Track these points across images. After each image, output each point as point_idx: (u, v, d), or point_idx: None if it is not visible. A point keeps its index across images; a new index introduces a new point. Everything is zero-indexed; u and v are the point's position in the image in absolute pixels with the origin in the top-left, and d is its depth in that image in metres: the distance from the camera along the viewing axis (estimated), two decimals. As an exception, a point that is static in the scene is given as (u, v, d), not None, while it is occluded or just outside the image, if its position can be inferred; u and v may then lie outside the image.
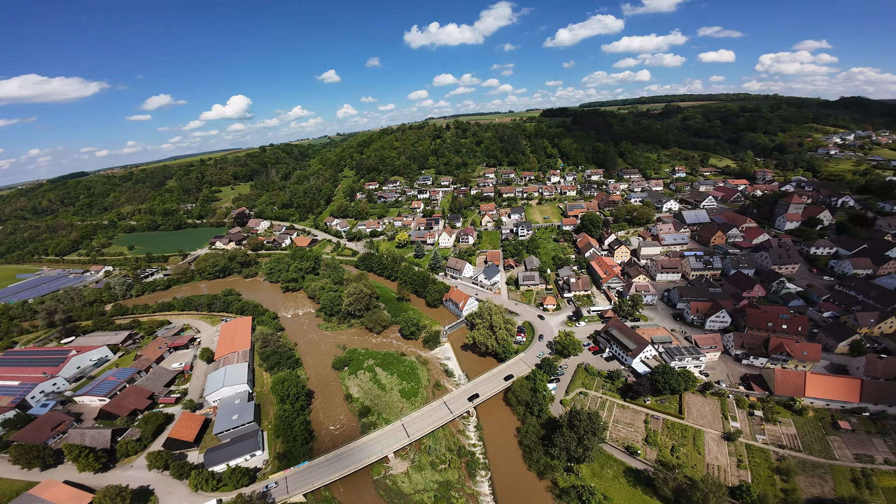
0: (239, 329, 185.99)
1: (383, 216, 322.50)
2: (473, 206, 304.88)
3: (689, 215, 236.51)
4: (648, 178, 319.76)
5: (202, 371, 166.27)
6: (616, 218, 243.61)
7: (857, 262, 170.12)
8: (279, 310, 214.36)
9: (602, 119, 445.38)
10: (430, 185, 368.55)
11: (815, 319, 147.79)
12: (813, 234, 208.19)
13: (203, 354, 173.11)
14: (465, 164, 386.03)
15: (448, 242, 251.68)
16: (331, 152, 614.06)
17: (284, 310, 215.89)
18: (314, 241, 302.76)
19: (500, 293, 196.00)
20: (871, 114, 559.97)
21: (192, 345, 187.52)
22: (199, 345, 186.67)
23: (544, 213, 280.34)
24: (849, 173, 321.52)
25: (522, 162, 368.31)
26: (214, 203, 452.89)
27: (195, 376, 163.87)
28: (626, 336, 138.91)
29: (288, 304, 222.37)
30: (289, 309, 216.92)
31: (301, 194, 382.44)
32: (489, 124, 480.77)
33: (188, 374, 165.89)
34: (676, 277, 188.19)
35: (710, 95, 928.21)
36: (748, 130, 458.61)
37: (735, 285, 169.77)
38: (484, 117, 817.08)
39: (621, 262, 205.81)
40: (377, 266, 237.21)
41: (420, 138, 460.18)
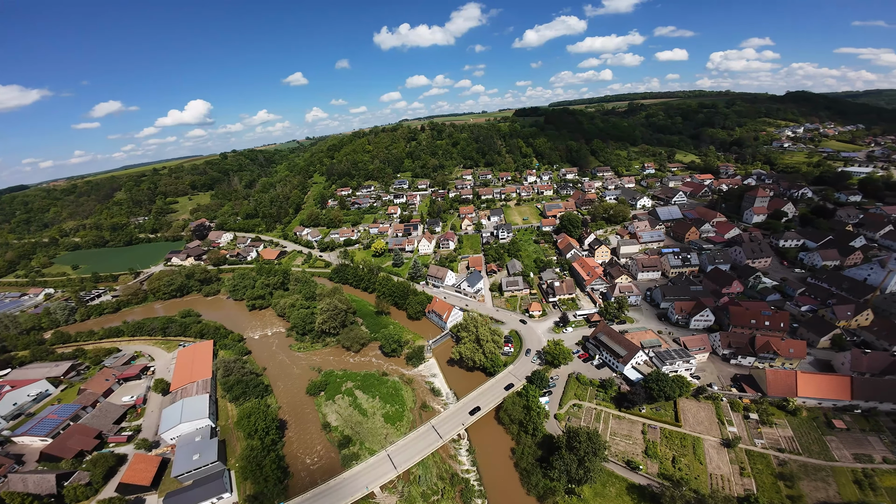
0: (198, 355, 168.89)
1: (358, 223, 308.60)
2: (452, 209, 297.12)
3: (663, 212, 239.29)
4: (620, 176, 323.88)
5: (157, 404, 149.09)
6: (594, 217, 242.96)
7: (825, 254, 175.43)
8: (245, 331, 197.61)
9: (573, 118, 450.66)
10: (406, 189, 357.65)
11: (794, 314, 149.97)
12: (780, 227, 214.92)
13: (157, 386, 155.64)
14: (442, 167, 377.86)
15: (428, 249, 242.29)
16: (299, 158, 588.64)
17: (251, 330, 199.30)
18: (283, 253, 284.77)
19: (485, 300, 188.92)
20: (815, 107, 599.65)
21: (144, 375, 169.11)
22: (152, 374, 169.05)
23: (523, 213, 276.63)
24: (804, 165, 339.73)
25: (499, 162, 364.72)
26: (170, 215, 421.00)
27: (149, 411, 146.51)
28: (616, 342, 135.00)
29: (255, 324, 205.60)
30: (256, 329, 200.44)
31: (267, 203, 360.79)
32: (464, 125, 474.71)
33: (141, 409, 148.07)
34: (657, 275, 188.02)
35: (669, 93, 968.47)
36: (707, 126, 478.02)
37: (714, 281, 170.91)
38: (458, 118, 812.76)
39: (602, 262, 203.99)
40: (353, 278, 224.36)
41: (394, 141, 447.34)
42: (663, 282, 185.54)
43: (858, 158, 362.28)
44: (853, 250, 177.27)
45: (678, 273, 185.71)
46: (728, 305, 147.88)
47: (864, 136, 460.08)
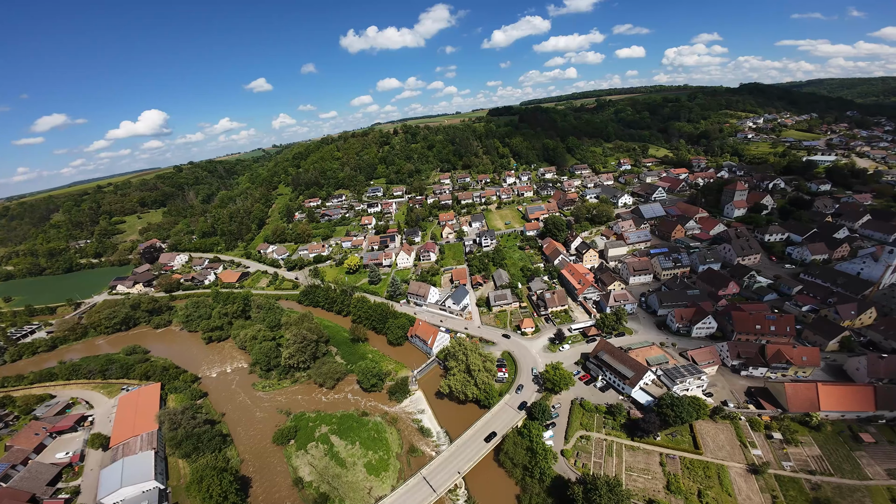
0: (142, 403, 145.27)
1: (329, 237, 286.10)
2: (432, 216, 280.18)
3: (647, 209, 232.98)
4: (598, 173, 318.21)
5: (96, 461, 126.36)
6: (577, 218, 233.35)
7: (813, 248, 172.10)
8: (200, 368, 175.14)
9: (546, 115, 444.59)
10: (381, 197, 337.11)
11: (794, 314, 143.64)
12: (762, 221, 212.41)
13: (94, 441, 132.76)
14: (419, 171, 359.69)
15: (407, 262, 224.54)
16: (263, 168, 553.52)
17: (208, 367, 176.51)
18: (245, 275, 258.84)
19: (472, 318, 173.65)
20: (770, 97, 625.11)
21: (81, 426, 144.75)
22: (90, 426, 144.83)
23: (505, 217, 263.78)
24: (770, 156, 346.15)
25: (476, 164, 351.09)
26: (116, 237, 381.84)
27: (88, 469, 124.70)
28: (620, 362, 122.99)
29: (212, 359, 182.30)
30: (213, 365, 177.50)
31: (226, 219, 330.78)
32: (439, 127, 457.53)
33: (78, 467, 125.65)
34: (649, 278, 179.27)
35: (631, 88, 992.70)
36: (673, 119, 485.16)
37: (708, 283, 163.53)
38: (433, 119, 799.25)
39: (592, 268, 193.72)
40: (324, 300, 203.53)
41: (365, 146, 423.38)
42: (656, 285, 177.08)
43: (820, 147, 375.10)
44: (840, 242, 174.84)
45: (671, 275, 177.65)
46: (730, 311, 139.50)
47: (818, 124, 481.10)
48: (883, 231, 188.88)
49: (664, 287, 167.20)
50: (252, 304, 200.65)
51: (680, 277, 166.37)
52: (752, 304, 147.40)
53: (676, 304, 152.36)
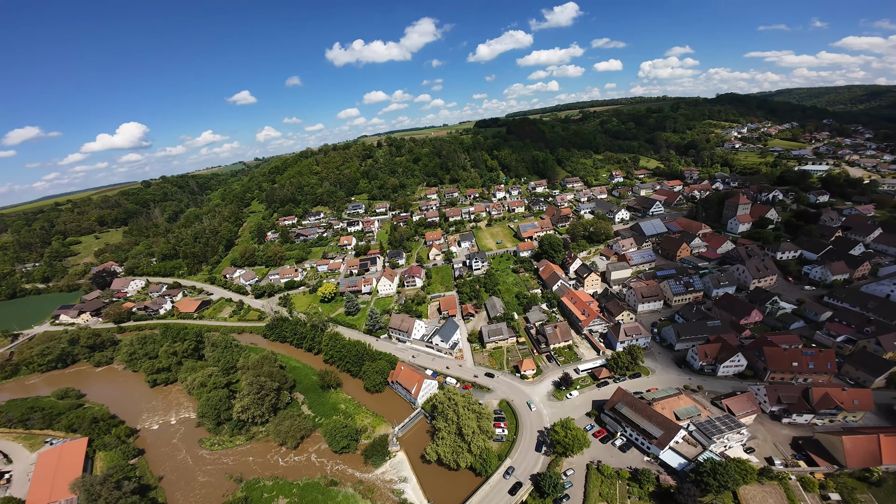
0: (64, 462, 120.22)
1: (304, 259, 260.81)
2: (417, 235, 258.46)
3: (647, 226, 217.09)
4: (590, 186, 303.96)
5: None
6: (573, 236, 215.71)
7: (835, 268, 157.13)
8: (140, 417, 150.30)
9: (534, 127, 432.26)
10: (362, 214, 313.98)
11: (828, 345, 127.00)
12: (769, 237, 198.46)
13: None
14: (403, 186, 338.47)
15: (390, 289, 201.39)
16: (237, 183, 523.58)
17: (149, 416, 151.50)
18: (206, 303, 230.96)
19: (464, 357, 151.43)
20: (749, 107, 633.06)
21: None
22: (7, 484, 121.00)
23: (496, 236, 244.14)
24: (763, 166, 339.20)
25: (465, 178, 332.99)
26: (69, 259, 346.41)
27: None
28: (645, 418, 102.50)
29: (156, 407, 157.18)
30: (156, 414, 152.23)
31: (189, 240, 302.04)
32: (425, 139, 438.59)
33: None
34: (659, 305, 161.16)
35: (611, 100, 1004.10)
36: (659, 130, 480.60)
37: (728, 311, 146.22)
38: (420, 132, 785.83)
39: (594, 293, 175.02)
40: (292, 335, 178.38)
41: (347, 159, 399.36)
42: (667, 312, 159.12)
43: (808, 156, 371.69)
44: (860, 261, 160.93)
45: (683, 301, 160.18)
46: (761, 346, 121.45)
47: (801, 133, 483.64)
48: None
49: (679, 317, 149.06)
50: (207, 342, 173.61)
51: (696, 306, 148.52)
52: (779, 334, 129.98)
53: (696, 337, 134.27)
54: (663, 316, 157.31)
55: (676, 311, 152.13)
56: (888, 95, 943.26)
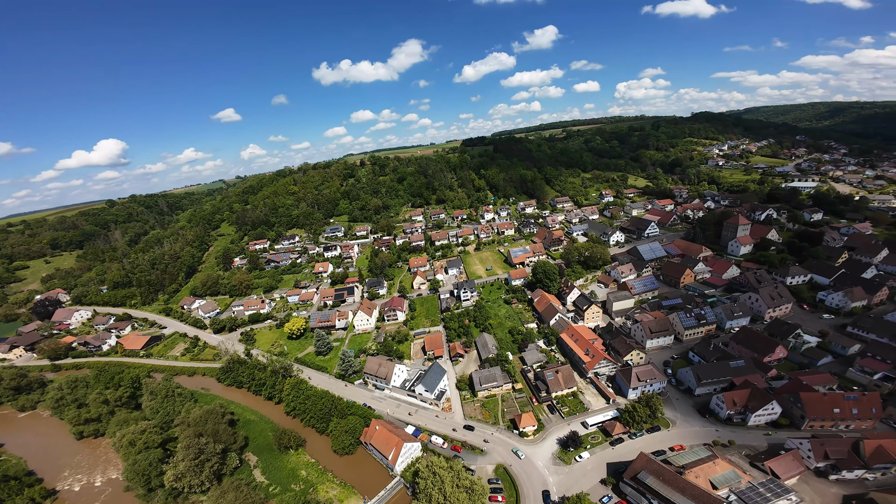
0: None
1: (273, 289, 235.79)
2: (401, 261, 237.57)
3: (646, 250, 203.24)
4: (581, 206, 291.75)
5: None
6: (568, 261, 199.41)
7: (854, 294, 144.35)
8: (61, 475, 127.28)
9: (520, 145, 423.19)
10: (341, 238, 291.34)
11: (864, 384, 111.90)
12: (775, 260, 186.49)
13: None
14: (387, 207, 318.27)
15: (368, 324, 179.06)
16: (209, 203, 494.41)
17: (72, 474, 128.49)
18: (156, 339, 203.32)
19: (452, 409, 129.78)
20: (726, 125, 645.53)
21: None
22: None
23: (485, 261, 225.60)
24: (750, 183, 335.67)
25: (451, 198, 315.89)
26: (12, 286, 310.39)
27: None
28: (676, 490, 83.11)
29: (80, 463, 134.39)
30: (80, 473, 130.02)
31: (146, 266, 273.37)
32: (410, 158, 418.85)
33: None
34: (669, 341, 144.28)
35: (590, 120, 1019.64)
36: (642, 148, 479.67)
37: (746, 346, 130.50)
38: (407, 150, 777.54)
39: (596, 327, 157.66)
40: (249, 381, 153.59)
41: (327, 179, 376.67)
42: (679, 348, 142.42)
43: (793, 173, 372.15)
44: (878, 286, 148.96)
45: (696, 336, 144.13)
46: (797, 390, 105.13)
47: (779, 150, 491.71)
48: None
49: (694, 355, 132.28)
50: (146, 389, 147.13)
51: (712, 342, 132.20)
52: (810, 373, 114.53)
53: (718, 380, 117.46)
54: (675, 353, 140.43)
55: (691, 349, 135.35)
56: (850, 111, 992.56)
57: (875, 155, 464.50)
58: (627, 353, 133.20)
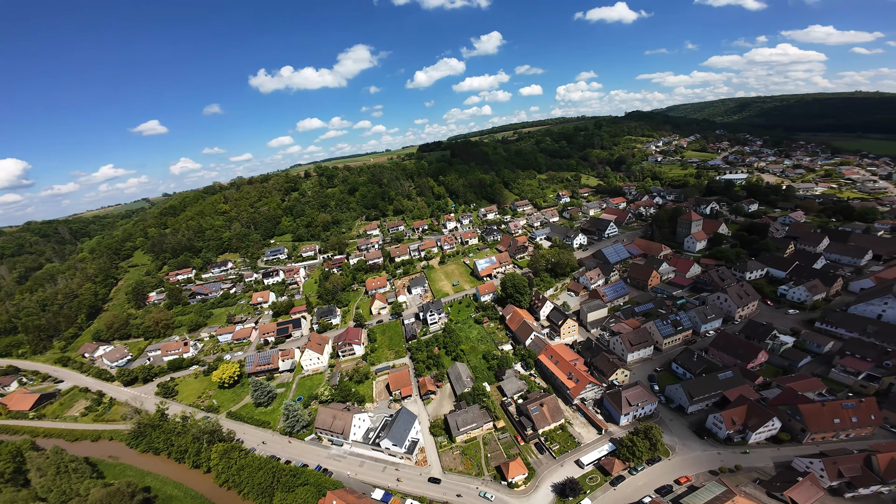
0: None
1: (200, 327, 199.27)
2: (356, 282, 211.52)
3: (610, 253, 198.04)
4: (540, 208, 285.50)
5: None
6: (535, 270, 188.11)
7: (812, 287, 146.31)
8: None
9: (476, 149, 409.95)
10: (285, 261, 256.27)
11: (850, 385, 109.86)
12: (731, 255, 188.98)
13: None
14: (338, 222, 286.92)
15: (319, 363, 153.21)
16: (121, 228, 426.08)
17: None
18: (49, 396, 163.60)
19: (427, 461, 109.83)
20: (657, 122, 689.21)
21: None
22: None
23: (451, 276, 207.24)
24: (689, 178, 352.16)
25: (410, 208, 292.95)
26: None
27: None
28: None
29: None
30: None
31: (35, 308, 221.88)
32: (363, 167, 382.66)
33: None
34: (649, 352, 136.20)
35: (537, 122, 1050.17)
36: (589, 147, 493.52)
37: (728, 352, 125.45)
38: (361, 158, 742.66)
39: (574, 342, 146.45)
40: (166, 446, 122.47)
41: (265, 194, 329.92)
42: (659, 358, 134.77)
43: (722, 166, 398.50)
44: (831, 276, 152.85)
45: (674, 343, 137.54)
46: (793, 402, 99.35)
47: (706, 144, 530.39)
48: (849, 254, 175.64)
49: (677, 366, 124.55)
50: (30, 465, 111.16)
51: (696, 353, 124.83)
52: (797, 379, 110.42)
53: (710, 395, 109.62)
54: (658, 365, 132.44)
55: (673, 360, 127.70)
56: (754, 106, 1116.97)
57: (786, 145, 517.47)
58: (612, 372, 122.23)
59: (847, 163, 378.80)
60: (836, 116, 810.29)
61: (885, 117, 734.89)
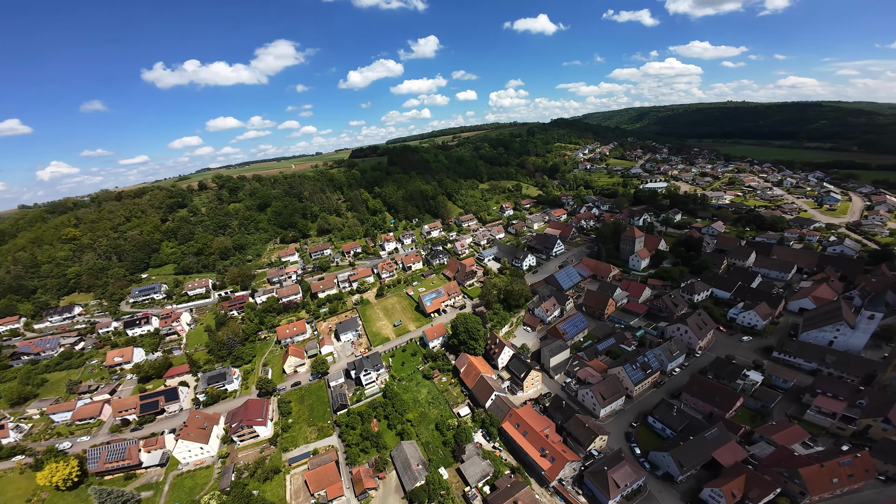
0: None
1: (28, 399, 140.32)
2: (265, 329, 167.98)
3: (563, 278, 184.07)
4: (485, 223, 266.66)
5: None
6: (487, 302, 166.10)
7: (761, 311, 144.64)
8: None
9: (416, 155, 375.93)
10: (161, 302, 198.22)
11: (826, 427, 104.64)
12: (675, 274, 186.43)
13: None
14: (241, 248, 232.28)
15: (203, 453, 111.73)
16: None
17: None
18: None
19: None
20: (581, 130, 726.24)
21: None
22: None
23: (391, 313, 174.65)
24: (618, 187, 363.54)
25: (339, 227, 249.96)
26: None
27: None
28: None
29: None
30: None
31: None
32: (279, 176, 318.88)
33: None
34: (621, 403, 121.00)
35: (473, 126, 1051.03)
36: (524, 154, 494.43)
37: (703, 398, 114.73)
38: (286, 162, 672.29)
39: (541, 399, 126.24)
40: None
41: (137, 213, 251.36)
42: (631, 409, 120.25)
43: (642, 174, 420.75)
44: (776, 298, 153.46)
45: (645, 389, 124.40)
46: (790, 465, 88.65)
47: (623, 152, 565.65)
48: (777, 268, 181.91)
49: (657, 421, 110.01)
50: None
51: (675, 407, 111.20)
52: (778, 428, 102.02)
53: (700, 460, 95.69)
54: (632, 417, 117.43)
55: (651, 414, 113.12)
56: (652, 115, 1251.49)
57: (687, 152, 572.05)
58: (590, 440, 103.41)
59: (743, 170, 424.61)
60: (715, 124, 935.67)
61: (752, 124, 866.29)
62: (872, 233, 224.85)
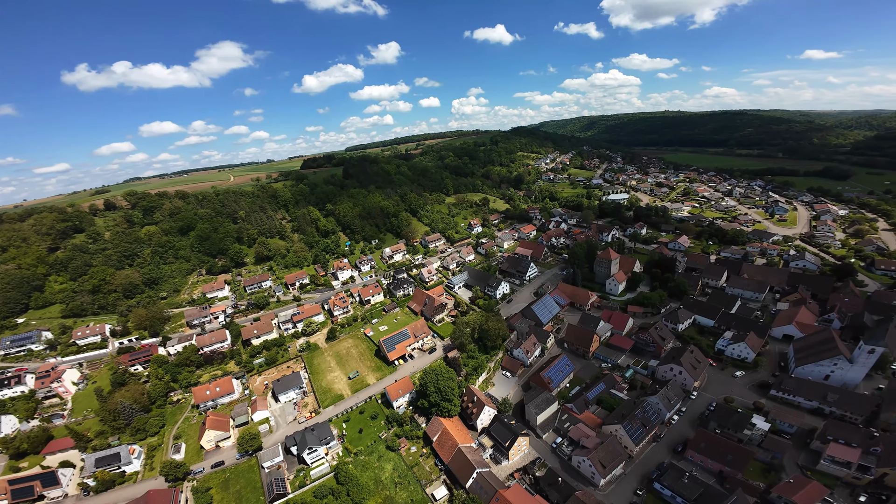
0: None
1: None
2: (179, 389, 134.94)
3: (541, 309, 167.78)
4: (453, 242, 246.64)
5: None
6: (461, 345, 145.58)
7: (752, 342, 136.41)
8: None
9: (376, 167, 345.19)
10: (39, 354, 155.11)
11: (842, 478, 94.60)
12: (655, 300, 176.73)
13: None
14: (154, 282, 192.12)
15: None
16: None
17: None
18: None
19: None
20: (541, 138, 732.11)
21: None
22: None
23: (346, 361, 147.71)
24: (583, 199, 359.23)
25: (283, 253, 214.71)
26: None
27: None
28: None
29: None
30: None
31: None
32: (207, 192, 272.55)
33: None
34: (621, 468, 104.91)
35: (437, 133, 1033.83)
36: (489, 164, 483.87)
37: (712, 456, 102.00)
38: (236, 170, 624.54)
39: (529, 465, 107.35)
40: None
41: (17, 241, 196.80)
42: (633, 471, 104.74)
43: (603, 184, 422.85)
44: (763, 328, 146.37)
45: (646, 447, 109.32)
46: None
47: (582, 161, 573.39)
48: (751, 289, 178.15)
49: (666, 488, 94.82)
50: None
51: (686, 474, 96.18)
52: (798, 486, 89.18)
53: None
54: (635, 482, 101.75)
55: (658, 480, 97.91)
56: (601, 123, 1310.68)
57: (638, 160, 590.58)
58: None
59: (693, 179, 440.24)
60: (657, 132, 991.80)
61: (689, 132, 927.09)
62: (826, 244, 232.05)
